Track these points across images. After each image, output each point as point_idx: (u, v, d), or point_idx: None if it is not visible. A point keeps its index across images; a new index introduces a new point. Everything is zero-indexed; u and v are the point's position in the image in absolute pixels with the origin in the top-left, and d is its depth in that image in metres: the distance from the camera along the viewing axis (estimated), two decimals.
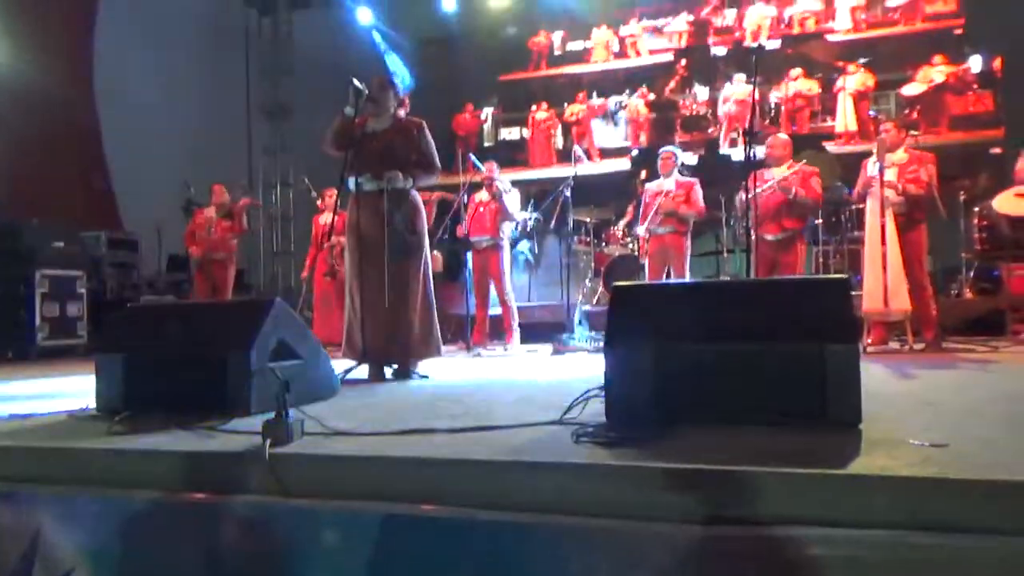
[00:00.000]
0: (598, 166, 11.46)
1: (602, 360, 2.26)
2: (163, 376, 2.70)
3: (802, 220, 5.93)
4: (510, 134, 12.56)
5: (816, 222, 7.76)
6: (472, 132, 12.42)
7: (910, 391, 3.22)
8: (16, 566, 1.94)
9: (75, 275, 7.57)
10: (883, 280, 5.14)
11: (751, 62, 4.69)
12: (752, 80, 4.50)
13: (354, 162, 4.05)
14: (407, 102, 4.36)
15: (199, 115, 10.22)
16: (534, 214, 8.19)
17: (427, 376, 4.13)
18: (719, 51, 11.44)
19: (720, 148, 11.03)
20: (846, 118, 10.59)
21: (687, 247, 6.50)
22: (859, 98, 10.58)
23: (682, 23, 11.82)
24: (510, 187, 7.18)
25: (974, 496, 1.45)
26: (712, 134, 11.26)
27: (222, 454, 2.00)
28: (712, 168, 10.11)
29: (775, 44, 11.11)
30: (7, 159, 8.08)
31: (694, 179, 6.63)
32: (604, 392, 2.25)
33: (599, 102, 11.97)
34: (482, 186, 7.04)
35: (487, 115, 12.58)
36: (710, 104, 11.41)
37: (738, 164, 7.61)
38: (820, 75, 10.87)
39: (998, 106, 10.05)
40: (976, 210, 7.42)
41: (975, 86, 10.24)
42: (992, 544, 1.39)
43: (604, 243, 8.83)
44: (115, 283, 8.44)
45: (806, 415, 2.06)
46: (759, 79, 4.63)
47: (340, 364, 3.89)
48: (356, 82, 4.02)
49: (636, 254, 7.69)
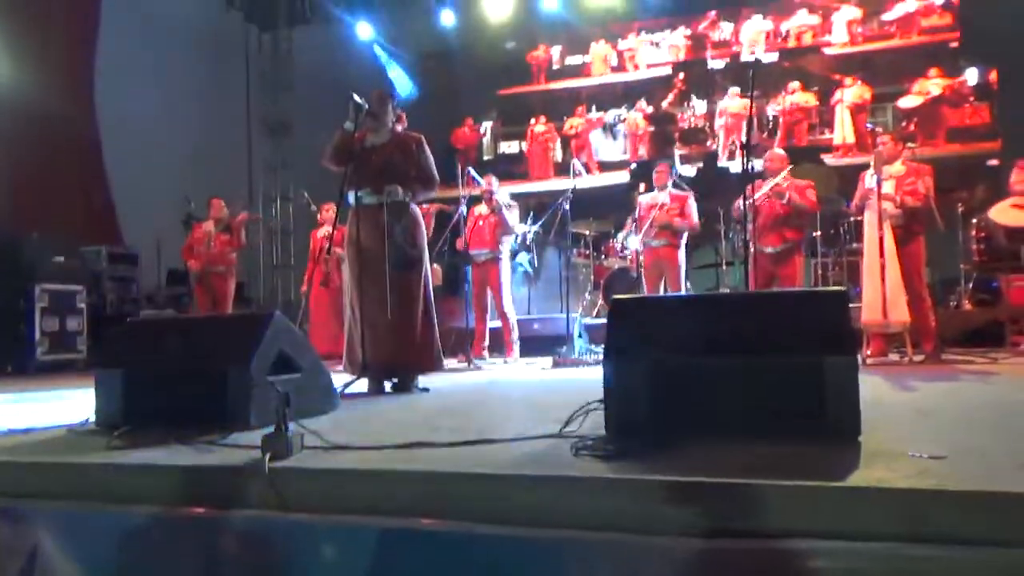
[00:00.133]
0: (597, 179, 11.50)
1: (601, 373, 2.27)
2: (163, 390, 2.70)
3: (801, 231, 5.98)
4: (509, 147, 12.61)
5: (815, 234, 7.79)
6: (472, 146, 12.47)
7: (909, 403, 3.22)
8: None
9: (75, 289, 7.58)
10: (882, 292, 5.15)
11: (748, 75, 4.73)
12: (748, 94, 4.55)
13: (354, 177, 4.07)
14: (404, 117, 4.38)
15: (199, 130, 10.26)
16: (534, 227, 8.21)
17: (427, 389, 4.13)
18: (717, 65, 11.51)
19: (719, 161, 11.07)
20: (844, 131, 10.65)
21: (681, 260, 6.56)
22: (856, 111, 10.63)
23: (680, 37, 11.90)
24: (510, 201, 7.21)
25: (973, 508, 1.45)
26: (711, 147, 11.31)
27: (221, 468, 2.00)
28: (711, 181, 10.15)
29: (772, 57, 11.18)
30: (8, 173, 8.11)
31: (688, 193, 6.68)
32: (604, 405, 2.25)
33: (598, 115, 12.03)
34: (482, 199, 7.07)
35: (486, 129, 12.64)
36: (708, 117, 11.47)
37: (736, 176, 7.63)
38: (817, 88, 10.93)
39: (994, 118, 10.10)
40: (974, 222, 7.45)
41: (971, 98, 10.29)
42: (991, 556, 1.39)
43: (603, 256, 8.84)
44: (115, 297, 8.45)
45: (805, 427, 2.06)
46: (756, 92, 4.69)
47: (340, 378, 3.89)
48: (356, 97, 4.05)
49: (627, 267, 7.71)
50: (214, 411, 2.56)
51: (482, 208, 7.00)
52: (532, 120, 12.24)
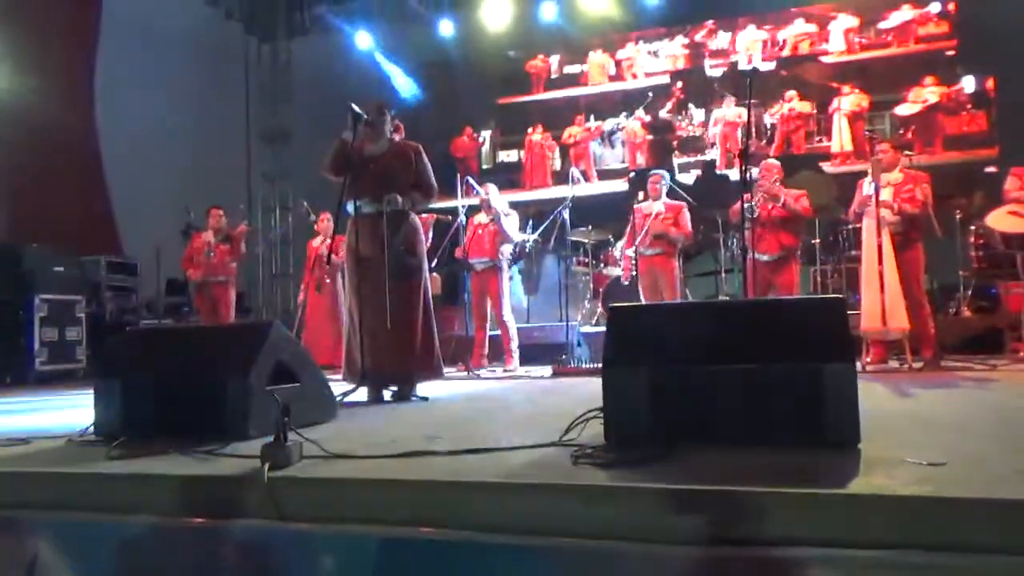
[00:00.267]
0: (596, 187, 11.53)
1: (601, 381, 2.27)
2: (162, 400, 2.69)
3: (797, 237, 6.03)
4: (508, 156, 12.64)
5: (814, 241, 7.81)
6: (471, 155, 12.50)
7: (908, 410, 3.22)
8: None
9: (74, 299, 7.58)
10: (881, 299, 5.16)
11: (746, 84, 4.76)
12: (745, 102, 4.61)
13: (352, 186, 4.08)
14: (402, 127, 4.40)
15: (199, 140, 10.29)
16: (533, 235, 8.22)
17: (426, 398, 4.12)
18: (715, 73, 11.56)
19: (717, 169, 11.10)
20: (841, 138, 10.68)
21: (676, 269, 6.61)
22: (854, 119, 10.67)
23: (678, 46, 11.95)
24: (509, 210, 7.22)
25: (973, 515, 1.45)
26: (709, 155, 11.34)
27: (220, 478, 2.00)
28: (710, 188, 10.17)
29: (770, 66, 11.23)
30: (7, 183, 8.12)
31: (682, 203, 6.73)
32: (603, 413, 2.25)
33: (596, 124, 12.07)
34: (480, 208, 7.08)
35: (485, 138, 12.67)
36: (705, 125, 11.51)
37: (735, 184, 7.66)
38: (815, 96, 10.97)
39: (992, 125, 10.13)
40: (972, 229, 7.46)
41: (969, 106, 10.33)
42: (991, 563, 1.38)
43: (602, 264, 8.85)
44: (114, 307, 8.45)
45: (805, 435, 2.06)
46: (754, 101, 4.74)
47: (339, 387, 3.89)
48: (355, 107, 4.06)
49: (620, 275, 7.70)
50: (213, 421, 2.55)
51: (481, 217, 7.02)
52: (529, 129, 12.28)
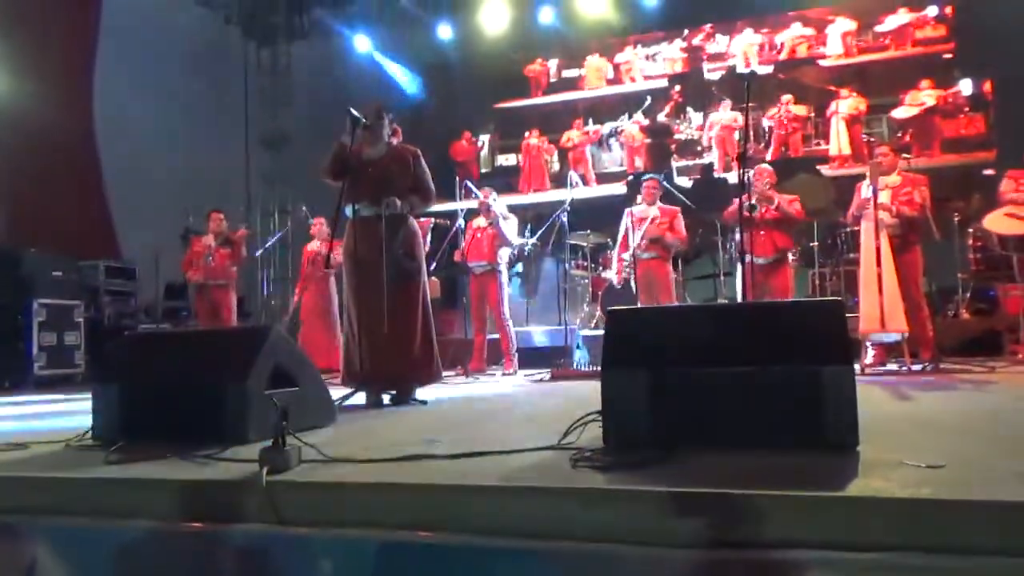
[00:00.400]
0: (594, 190, 11.53)
1: (599, 384, 2.27)
2: (160, 405, 2.69)
3: (791, 239, 6.14)
4: (506, 160, 12.66)
5: (812, 244, 7.82)
6: (471, 159, 12.51)
7: (907, 412, 3.22)
8: None
9: (73, 304, 7.57)
10: (879, 301, 5.16)
11: (743, 87, 4.76)
12: (743, 106, 4.63)
13: (351, 190, 4.08)
14: (400, 131, 4.41)
15: (197, 144, 10.29)
16: (531, 239, 8.23)
17: (425, 402, 4.12)
18: (713, 77, 11.58)
19: (715, 172, 11.11)
20: (839, 142, 10.70)
21: (671, 273, 6.65)
22: (852, 122, 10.69)
23: (676, 50, 11.98)
24: (509, 214, 7.23)
25: (971, 517, 1.45)
26: (707, 159, 11.35)
27: (219, 483, 2.00)
28: (708, 192, 10.18)
29: (767, 70, 11.25)
30: (6, 188, 8.12)
31: (676, 208, 6.78)
32: (601, 416, 2.25)
33: (595, 128, 12.08)
34: (479, 212, 7.09)
35: (484, 142, 12.69)
36: (703, 129, 11.53)
37: (733, 187, 7.68)
38: (812, 99, 10.99)
39: (990, 128, 10.15)
40: (970, 231, 7.47)
41: (966, 109, 10.35)
42: (990, 565, 1.38)
43: (601, 267, 8.85)
44: (113, 311, 8.44)
45: (803, 437, 2.06)
46: (747, 104, 4.78)
47: (338, 391, 3.89)
48: (353, 111, 4.06)
49: (612, 279, 7.69)
50: (212, 425, 2.55)
51: (480, 221, 7.02)
52: (527, 133, 12.30)
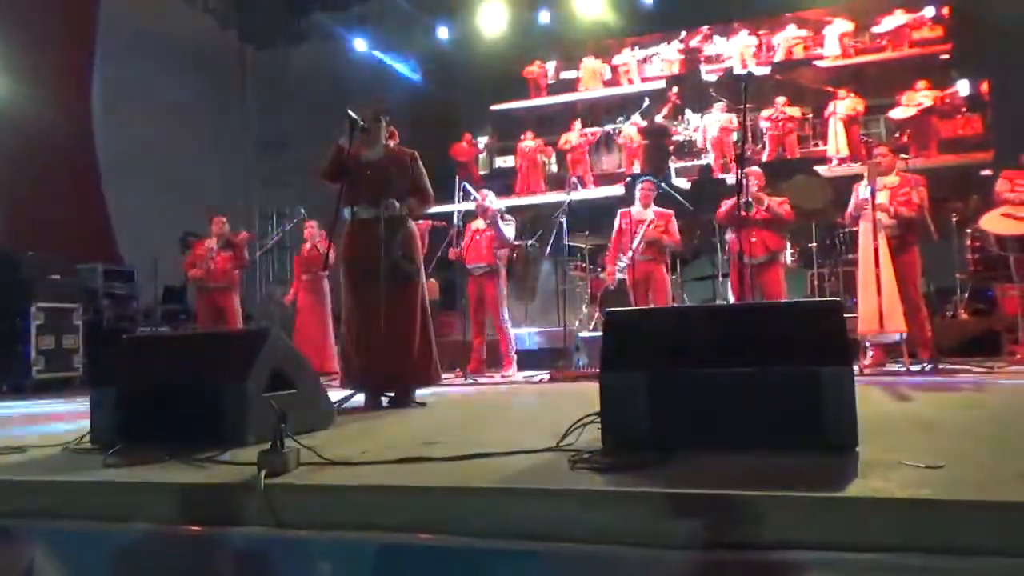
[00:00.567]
0: (593, 192, 11.54)
1: (598, 385, 2.27)
2: (158, 408, 2.69)
3: (782, 240, 6.21)
4: (505, 162, 12.67)
5: (810, 245, 7.83)
6: (471, 160, 12.51)
7: (906, 412, 3.22)
8: None
9: (71, 307, 7.56)
10: (878, 302, 5.16)
11: (740, 89, 4.78)
12: (736, 107, 4.66)
13: (350, 192, 4.08)
14: (396, 133, 4.41)
15: (196, 147, 10.29)
16: (530, 241, 8.24)
17: (424, 404, 4.11)
18: (710, 79, 11.59)
19: (714, 173, 11.12)
20: (837, 142, 10.71)
21: (667, 275, 6.69)
22: (849, 123, 10.71)
23: (673, 52, 11.99)
24: (508, 215, 7.24)
25: (971, 517, 1.45)
26: (705, 160, 11.36)
27: (217, 486, 1.99)
28: (706, 193, 10.19)
29: (765, 71, 11.26)
30: (4, 191, 8.11)
31: (671, 211, 6.82)
32: (600, 418, 2.25)
33: (593, 131, 12.09)
34: (477, 214, 7.10)
35: (482, 144, 12.70)
36: (700, 130, 11.55)
37: (732, 188, 7.70)
38: (810, 100, 11.00)
39: (987, 128, 10.17)
40: (968, 232, 7.48)
41: (964, 109, 10.37)
42: (989, 565, 1.38)
43: (600, 269, 8.85)
44: (111, 315, 8.42)
45: (802, 438, 2.05)
46: (744, 106, 4.80)
47: (336, 393, 3.89)
48: (351, 113, 4.06)
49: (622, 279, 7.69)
50: (210, 428, 2.55)
51: (478, 223, 7.03)
52: (522, 136, 12.30)
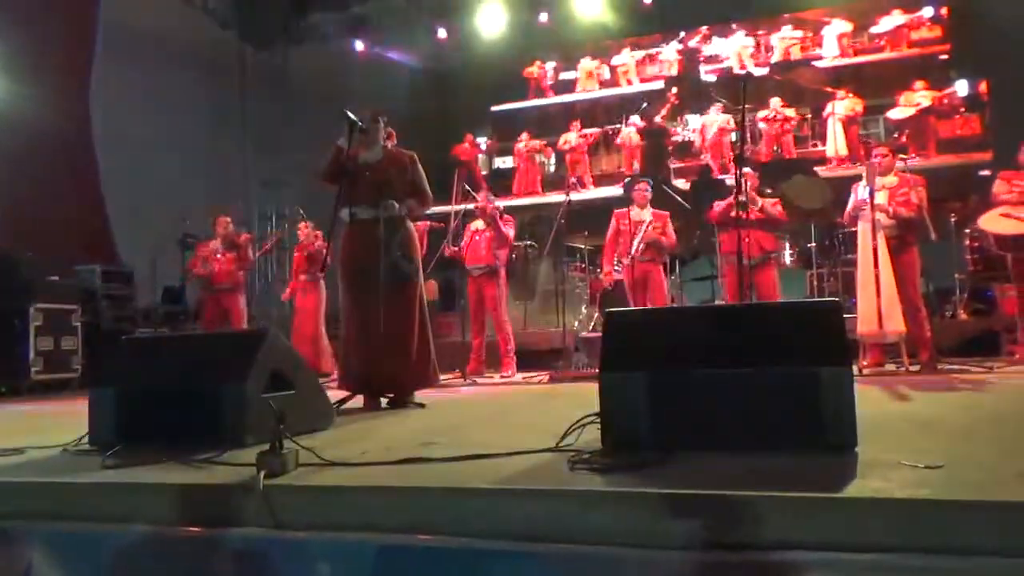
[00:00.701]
0: (591, 193, 11.54)
1: (597, 386, 2.26)
2: (157, 409, 2.68)
3: (776, 240, 6.32)
4: (504, 163, 12.67)
5: (809, 245, 7.83)
6: (473, 160, 12.50)
7: (905, 413, 3.22)
8: None
9: (70, 309, 7.54)
10: (877, 303, 5.16)
11: (739, 89, 4.79)
12: (733, 107, 4.68)
13: (349, 193, 4.08)
14: (394, 134, 4.40)
15: (195, 148, 10.28)
16: (528, 242, 8.24)
17: (423, 405, 4.11)
18: (709, 79, 11.60)
19: (713, 174, 11.13)
20: (836, 143, 10.72)
21: (664, 276, 6.71)
22: (848, 123, 10.71)
23: (672, 52, 11.99)
24: (507, 216, 7.24)
25: (970, 517, 1.45)
26: (704, 160, 11.37)
27: (216, 487, 1.99)
28: (705, 193, 10.19)
29: (764, 71, 11.26)
30: (3, 192, 8.10)
31: (666, 212, 6.84)
32: (599, 418, 2.25)
33: (592, 131, 12.09)
34: (476, 215, 7.11)
35: (482, 145, 12.70)
36: (699, 131, 11.55)
37: (731, 189, 7.72)
38: (808, 101, 11.01)
39: (985, 128, 10.17)
40: (967, 232, 7.48)
41: (962, 110, 10.37)
42: (989, 565, 1.38)
43: (599, 270, 8.85)
44: (110, 316, 8.40)
45: (802, 438, 2.05)
46: (738, 106, 4.82)
47: (335, 394, 3.88)
48: (350, 114, 4.06)
49: (620, 280, 7.70)
50: (209, 429, 2.54)
51: (478, 223, 7.03)
52: (519, 137, 12.31)
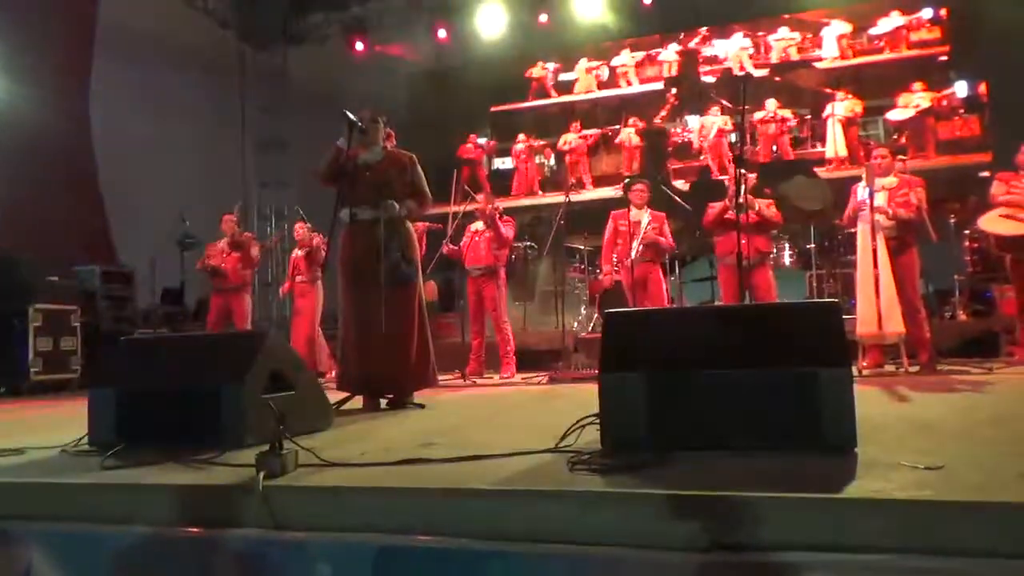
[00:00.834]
0: (592, 193, 11.54)
1: (597, 387, 2.26)
2: (157, 409, 2.68)
3: (771, 242, 6.36)
4: (503, 164, 12.67)
5: (809, 246, 7.84)
6: (478, 160, 12.49)
7: (905, 414, 3.22)
8: None
9: (69, 309, 7.53)
10: (876, 303, 5.16)
11: (739, 90, 4.80)
12: (732, 109, 4.68)
13: (348, 193, 4.08)
14: (393, 135, 4.40)
15: (195, 149, 10.29)
16: (528, 244, 8.25)
17: (422, 406, 4.10)
18: (708, 80, 11.59)
19: (713, 174, 11.12)
20: (836, 144, 10.72)
21: (662, 277, 6.72)
22: (848, 124, 10.71)
23: (672, 53, 12.00)
24: (507, 216, 7.24)
25: (970, 518, 1.45)
26: (704, 161, 11.37)
27: (215, 487, 1.99)
28: (705, 194, 10.18)
29: (763, 72, 11.26)
30: (2, 193, 8.10)
31: (663, 213, 6.86)
32: (599, 419, 2.25)
33: (592, 132, 12.09)
34: (476, 215, 7.11)
35: (483, 145, 12.70)
36: (697, 131, 11.55)
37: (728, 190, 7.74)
38: (808, 103, 11.01)
39: (985, 130, 10.17)
40: (967, 233, 7.48)
41: (961, 111, 10.37)
42: (988, 567, 1.38)
43: (598, 270, 8.85)
44: (110, 316, 8.40)
45: (801, 439, 2.05)
46: (737, 107, 4.82)
47: (335, 395, 3.88)
48: (349, 114, 4.06)
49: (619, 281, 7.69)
50: (208, 430, 2.54)
51: (478, 224, 7.03)
52: (517, 138, 12.30)
